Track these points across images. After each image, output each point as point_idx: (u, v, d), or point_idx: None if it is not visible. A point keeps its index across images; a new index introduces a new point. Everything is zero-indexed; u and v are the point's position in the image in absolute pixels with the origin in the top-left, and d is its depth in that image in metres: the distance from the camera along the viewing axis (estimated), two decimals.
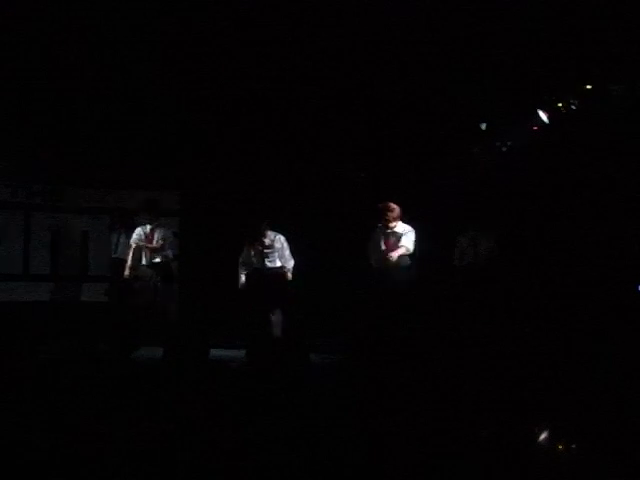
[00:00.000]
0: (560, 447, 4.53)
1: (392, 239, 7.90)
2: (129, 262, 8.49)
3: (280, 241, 8.19)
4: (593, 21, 7.11)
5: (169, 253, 8.58)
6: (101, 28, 7.65)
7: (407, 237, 7.88)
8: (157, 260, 8.46)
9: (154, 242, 8.48)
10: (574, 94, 7.91)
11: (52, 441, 4.08)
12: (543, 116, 8.19)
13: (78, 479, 3.58)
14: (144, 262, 8.47)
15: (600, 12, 7.02)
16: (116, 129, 9.30)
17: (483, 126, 8.73)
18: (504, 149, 8.70)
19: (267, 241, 8.12)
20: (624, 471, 3.80)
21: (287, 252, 8.22)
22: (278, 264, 8.22)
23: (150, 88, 8.75)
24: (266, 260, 8.14)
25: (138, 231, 8.55)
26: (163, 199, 9.11)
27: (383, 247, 7.90)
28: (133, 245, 8.51)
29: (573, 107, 7.89)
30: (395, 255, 7.72)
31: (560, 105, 8.02)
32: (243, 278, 8.18)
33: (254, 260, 8.14)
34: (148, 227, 8.50)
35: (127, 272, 8.50)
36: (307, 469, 3.72)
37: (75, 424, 4.42)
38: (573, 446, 4.48)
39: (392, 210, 7.86)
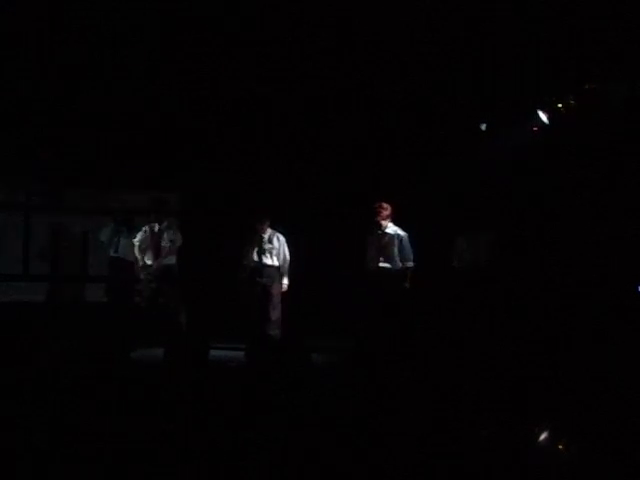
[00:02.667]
0: (560, 447, 4.52)
1: (383, 240, 7.93)
2: (140, 262, 8.43)
3: (279, 239, 8.30)
4: (593, 21, 7.10)
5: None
6: (102, 27, 7.64)
7: (406, 247, 7.87)
8: (163, 261, 8.41)
9: (162, 243, 8.43)
10: (574, 94, 7.90)
11: (52, 441, 4.08)
12: (543, 116, 8.18)
13: (78, 479, 3.58)
14: (148, 262, 8.44)
15: (600, 12, 7.02)
16: (116, 129, 9.29)
17: (483, 126, 8.73)
18: (504, 149, 8.68)
19: (267, 237, 8.21)
20: (624, 471, 3.80)
21: (285, 251, 8.32)
22: (275, 262, 8.29)
23: (151, 88, 8.74)
24: (263, 257, 8.23)
25: (143, 230, 8.50)
26: (165, 199, 9.08)
27: (375, 250, 7.94)
28: (137, 244, 8.46)
29: (573, 107, 7.88)
30: (407, 284, 7.80)
31: (560, 105, 8.01)
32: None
33: (253, 256, 8.21)
34: (156, 227, 8.47)
35: (140, 272, 8.44)
36: (307, 469, 3.72)
37: (75, 424, 4.42)
38: (573, 446, 4.47)
39: (384, 209, 7.89)
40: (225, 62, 8.28)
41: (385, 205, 7.91)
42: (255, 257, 8.27)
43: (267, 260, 8.28)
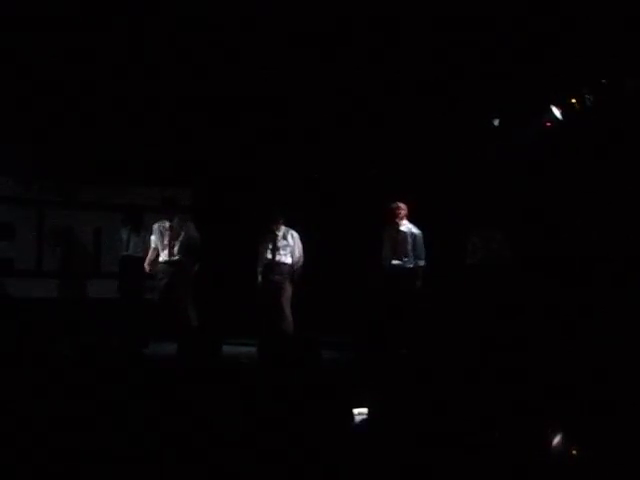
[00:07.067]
0: (573, 451, 4.49)
1: (398, 237, 7.98)
2: (149, 257, 8.48)
3: (293, 236, 8.29)
4: (608, 14, 7.04)
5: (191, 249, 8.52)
6: (108, 27, 7.64)
7: (419, 245, 7.96)
8: (176, 257, 8.42)
9: (180, 237, 8.43)
10: (588, 89, 7.84)
11: (64, 436, 4.10)
12: (556, 112, 8.13)
13: (90, 474, 3.60)
14: (162, 259, 8.45)
15: (615, 5, 6.96)
16: (129, 125, 9.29)
17: (496, 122, 8.68)
18: (517, 145, 8.63)
19: (281, 234, 8.21)
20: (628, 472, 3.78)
21: (299, 249, 8.31)
22: (289, 260, 8.28)
23: (163, 83, 8.75)
24: (277, 254, 8.23)
25: (156, 227, 8.51)
26: (176, 195, 9.08)
27: (390, 248, 8.03)
28: (153, 245, 8.49)
29: (588, 102, 7.81)
30: (419, 283, 7.92)
31: (574, 101, 7.96)
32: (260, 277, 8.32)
33: (267, 254, 8.20)
34: (167, 223, 8.48)
35: (147, 268, 8.50)
36: (313, 467, 3.72)
37: (86, 419, 4.44)
38: (584, 449, 4.43)
39: (399, 210, 7.99)
40: (234, 59, 8.26)
41: (402, 206, 8.03)
42: (269, 254, 8.27)
43: (281, 257, 8.27)
